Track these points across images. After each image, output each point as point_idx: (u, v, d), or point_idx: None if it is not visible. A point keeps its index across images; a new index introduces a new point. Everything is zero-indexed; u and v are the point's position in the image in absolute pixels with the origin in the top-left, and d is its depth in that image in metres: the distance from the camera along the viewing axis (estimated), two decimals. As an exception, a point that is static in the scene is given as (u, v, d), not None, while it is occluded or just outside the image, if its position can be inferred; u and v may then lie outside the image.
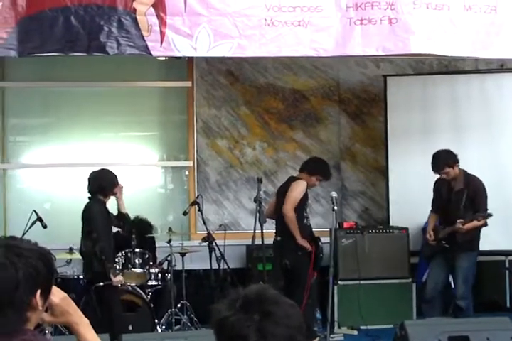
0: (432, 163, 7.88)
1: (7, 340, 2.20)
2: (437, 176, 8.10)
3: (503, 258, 9.27)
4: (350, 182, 9.86)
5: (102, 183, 7.47)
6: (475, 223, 7.76)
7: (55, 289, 2.42)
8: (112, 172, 7.61)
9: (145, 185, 9.91)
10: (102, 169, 7.66)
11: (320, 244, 8.05)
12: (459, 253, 7.91)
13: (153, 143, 9.94)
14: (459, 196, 7.91)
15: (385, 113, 9.43)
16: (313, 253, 7.94)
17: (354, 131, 9.89)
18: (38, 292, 2.27)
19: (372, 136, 9.86)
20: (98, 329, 2.50)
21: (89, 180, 7.55)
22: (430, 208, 8.28)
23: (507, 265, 9.31)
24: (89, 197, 7.54)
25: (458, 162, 7.90)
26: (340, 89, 9.86)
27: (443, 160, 7.86)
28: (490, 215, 7.69)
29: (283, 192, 8.09)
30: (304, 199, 8.07)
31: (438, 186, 8.15)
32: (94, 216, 7.37)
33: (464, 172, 8.00)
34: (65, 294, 2.47)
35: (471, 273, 8.01)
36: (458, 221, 7.73)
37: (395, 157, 9.33)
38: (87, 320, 2.49)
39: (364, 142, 9.89)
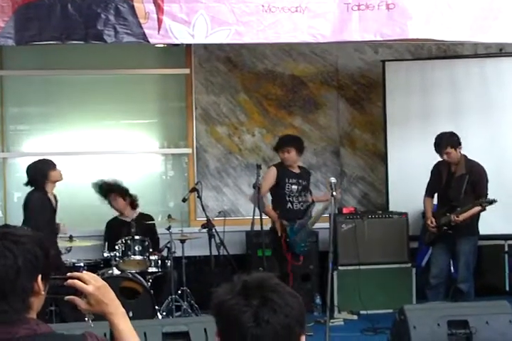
0: (435, 143, 7.87)
1: (10, 329, 2.22)
2: (437, 160, 8.12)
3: (502, 242, 9.29)
4: (350, 168, 9.87)
5: (36, 172, 7.73)
6: (475, 209, 7.79)
7: (91, 277, 2.45)
8: (43, 162, 7.82)
9: (145, 173, 9.92)
10: (39, 159, 7.89)
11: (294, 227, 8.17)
12: (460, 238, 7.94)
13: (153, 131, 9.94)
14: (461, 181, 7.91)
15: (384, 98, 9.42)
16: (283, 236, 8.05)
17: (353, 116, 9.88)
18: (39, 277, 2.29)
19: (371, 122, 9.85)
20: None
21: (26, 170, 7.86)
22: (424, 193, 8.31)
23: (506, 249, 9.33)
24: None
25: (460, 144, 7.90)
26: (339, 74, 9.84)
27: (446, 140, 7.86)
28: (495, 201, 7.71)
29: None
30: (280, 183, 8.17)
31: (437, 170, 8.14)
32: (29, 204, 7.65)
33: (465, 157, 8.00)
34: (104, 283, 2.47)
35: (472, 257, 8.04)
36: (452, 215, 7.79)
37: (394, 142, 9.34)
38: (123, 310, 2.49)
39: (363, 128, 9.88)
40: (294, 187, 8.20)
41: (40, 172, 7.72)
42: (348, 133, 9.88)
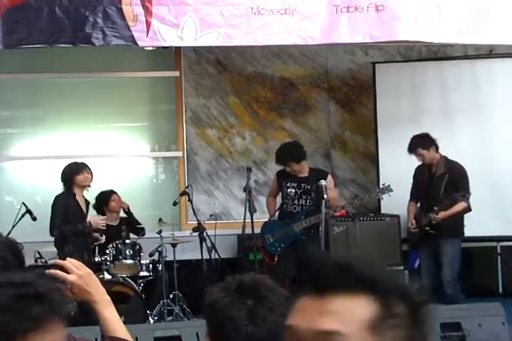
0: (408, 145, 7.94)
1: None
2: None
3: (494, 244, 9.28)
4: (341, 170, 9.84)
5: (63, 175, 7.88)
6: (454, 209, 7.76)
7: (75, 265, 2.43)
8: (72, 165, 7.92)
9: (136, 176, 9.88)
10: (72, 162, 8.04)
11: None
12: (443, 240, 7.93)
13: (143, 134, 9.90)
14: (440, 180, 7.91)
15: (375, 100, 9.41)
16: None
17: (344, 118, 9.87)
18: None
19: (362, 124, 9.84)
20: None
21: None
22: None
23: (499, 251, 9.32)
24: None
25: (434, 145, 7.91)
26: (329, 76, 9.83)
27: (416, 141, 7.93)
28: (469, 194, 7.72)
29: None
30: (280, 187, 8.30)
31: (418, 173, 8.17)
32: (53, 206, 7.82)
33: (445, 158, 8.01)
34: (87, 271, 2.45)
35: (456, 259, 8.01)
36: (431, 214, 7.79)
37: (385, 144, 9.31)
38: (108, 298, 2.47)
39: (354, 130, 9.87)
40: (291, 190, 8.21)
41: (67, 176, 7.87)
42: (339, 136, 9.86)
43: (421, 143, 7.90)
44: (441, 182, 7.88)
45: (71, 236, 7.69)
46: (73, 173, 7.83)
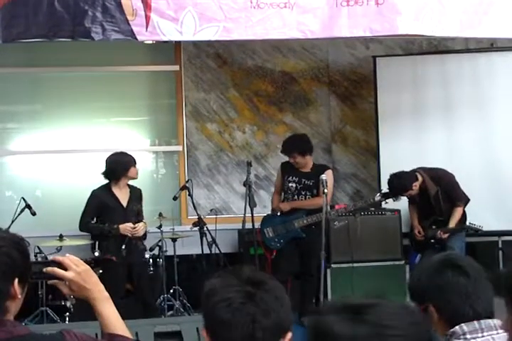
0: (389, 189, 8.03)
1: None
2: (427, 157, 8.14)
3: (496, 238, 9.24)
4: (342, 165, 9.82)
5: (108, 167, 7.80)
6: (455, 218, 8.01)
7: (73, 262, 2.41)
8: (127, 155, 7.85)
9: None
10: (121, 152, 7.95)
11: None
12: (449, 236, 7.96)
13: (143, 128, 9.87)
14: (437, 198, 8.02)
15: (375, 94, 9.36)
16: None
17: (344, 112, 9.83)
18: (16, 280, 2.23)
19: (363, 118, 9.81)
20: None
21: (107, 162, 7.89)
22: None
23: (500, 245, 9.29)
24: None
25: (416, 179, 7.99)
26: (330, 70, 9.80)
27: (401, 185, 7.98)
28: (480, 230, 8.05)
29: None
30: (281, 182, 8.35)
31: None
32: (87, 200, 7.78)
33: (427, 171, 8.05)
34: (86, 267, 2.43)
35: (462, 253, 8.03)
36: (439, 232, 7.96)
37: (386, 138, 9.28)
38: (106, 295, 2.46)
39: (355, 124, 9.84)
40: (292, 185, 8.22)
41: (123, 166, 7.75)
42: (340, 130, 9.83)
43: (407, 185, 7.97)
44: (439, 200, 7.97)
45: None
46: (131, 164, 7.79)
